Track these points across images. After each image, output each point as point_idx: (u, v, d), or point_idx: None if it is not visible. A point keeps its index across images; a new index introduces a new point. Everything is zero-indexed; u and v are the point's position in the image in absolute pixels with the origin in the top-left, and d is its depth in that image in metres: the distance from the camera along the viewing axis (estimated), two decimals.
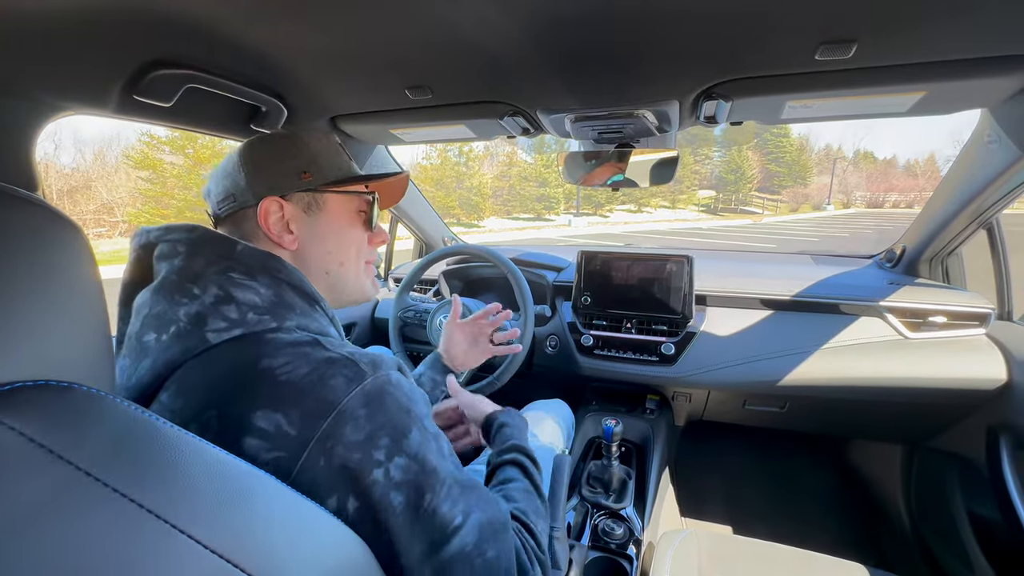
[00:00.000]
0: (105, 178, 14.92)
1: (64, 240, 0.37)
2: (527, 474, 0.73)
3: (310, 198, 0.64)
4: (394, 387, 0.52)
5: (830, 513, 1.67)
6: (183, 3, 0.55)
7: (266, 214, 0.60)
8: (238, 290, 0.54)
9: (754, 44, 0.66)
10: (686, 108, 0.88)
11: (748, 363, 1.32)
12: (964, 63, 0.67)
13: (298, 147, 0.64)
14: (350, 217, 0.68)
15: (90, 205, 14.56)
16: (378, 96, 0.92)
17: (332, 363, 0.50)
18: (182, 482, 0.36)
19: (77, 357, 0.37)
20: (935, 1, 0.54)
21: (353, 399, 0.49)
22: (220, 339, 0.51)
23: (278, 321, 0.54)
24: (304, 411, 0.47)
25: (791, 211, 36.10)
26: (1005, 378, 1.13)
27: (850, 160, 52.67)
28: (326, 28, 0.65)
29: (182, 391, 0.50)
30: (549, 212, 27.41)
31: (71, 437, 0.32)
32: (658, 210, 32.41)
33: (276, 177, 0.62)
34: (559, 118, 0.95)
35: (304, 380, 0.48)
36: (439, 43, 0.69)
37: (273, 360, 0.49)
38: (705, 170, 40.90)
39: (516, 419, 0.89)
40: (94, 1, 0.50)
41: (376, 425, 0.49)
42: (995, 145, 0.90)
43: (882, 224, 20.58)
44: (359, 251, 0.70)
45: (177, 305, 0.52)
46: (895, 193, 40.96)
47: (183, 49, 0.69)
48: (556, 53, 0.70)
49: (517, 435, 0.83)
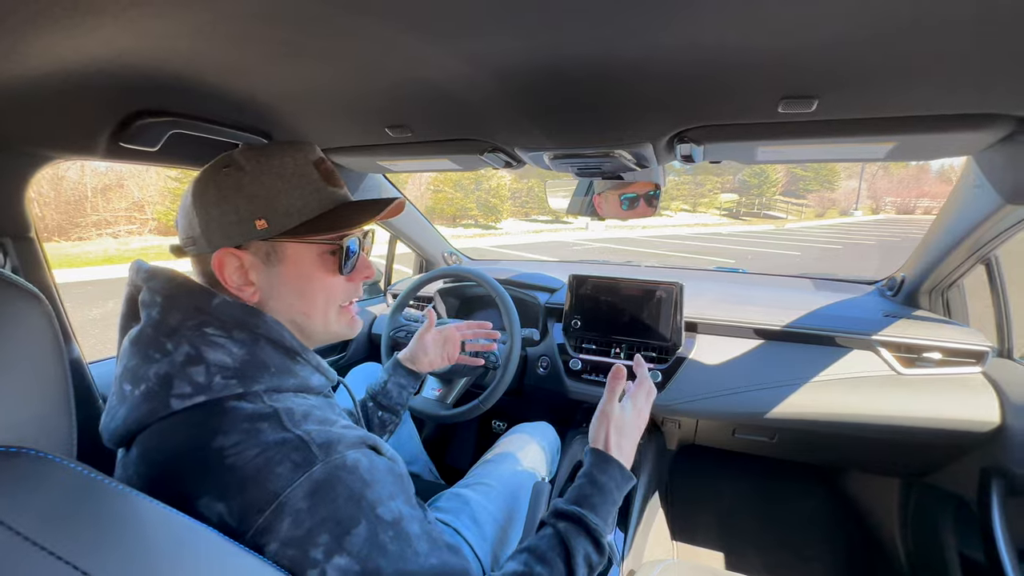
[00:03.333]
0: (136, 176, 15.44)
1: (20, 309, 0.40)
2: (569, 565, 0.60)
3: (268, 247, 0.59)
4: (347, 471, 0.49)
5: (825, 544, 1.64)
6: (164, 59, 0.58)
7: (221, 266, 0.57)
8: (210, 350, 0.53)
9: (718, 96, 0.67)
10: (661, 149, 0.88)
11: (736, 394, 1.31)
12: (933, 118, 0.66)
13: (252, 188, 0.56)
14: (316, 263, 0.62)
15: (122, 203, 15.08)
16: (360, 133, 0.95)
17: (282, 446, 0.48)
18: (128, 544, 0.37)
19: (30, 422, 0.40)
20: (894, 64, 0.53)
21: (296, 489, 0.46)
22: (183, 405, 0.51)
23: (245, 386, 0.53)
24: (245, 502, 0.46)
25: (817, 216, 35.16)
26: (998, 421, 1.09)
27: (880, 165, 51.01)
28: (304, 77, 0.67)
29: (144, 457, 0.51)
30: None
31: (13, 502, 0.34)
32: (678, 213, 31.94)
33: (229, 225, 0.56)
34: (538, 155, 0.96)
35: (250, 465, 0.47)
36: (415, 91, 0.70)
37: (226, 439, 0.48)
38: (728, 173, 40.15)
39: (616, 481, 0.70)
40: (80, 61, 0.53)
41: (317, 520, 0.46)
42: (979, 190, 0.88)
43: (910, 231, 19.87)
44: (329, 298, 0.64)
45: (149, 362, 0.53)
46: (927, 199, 39.50)
47: (167, 99, 0.72)
48: (529, 102, 0.72)
49: (600, 504, 0.67)
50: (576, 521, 0.64)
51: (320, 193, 0.61)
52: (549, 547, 0.62)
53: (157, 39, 0.49)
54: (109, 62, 0.54)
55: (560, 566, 0.60)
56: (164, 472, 0.48)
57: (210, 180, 0.58)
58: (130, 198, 15.20)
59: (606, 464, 0.71)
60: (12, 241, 0.74)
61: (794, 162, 0.88)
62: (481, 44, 0.52)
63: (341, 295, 0.66)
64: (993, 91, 0.58)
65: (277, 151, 0.60)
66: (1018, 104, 0.60)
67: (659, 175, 1.10)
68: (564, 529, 0.63)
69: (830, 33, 0.46)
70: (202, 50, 0.53)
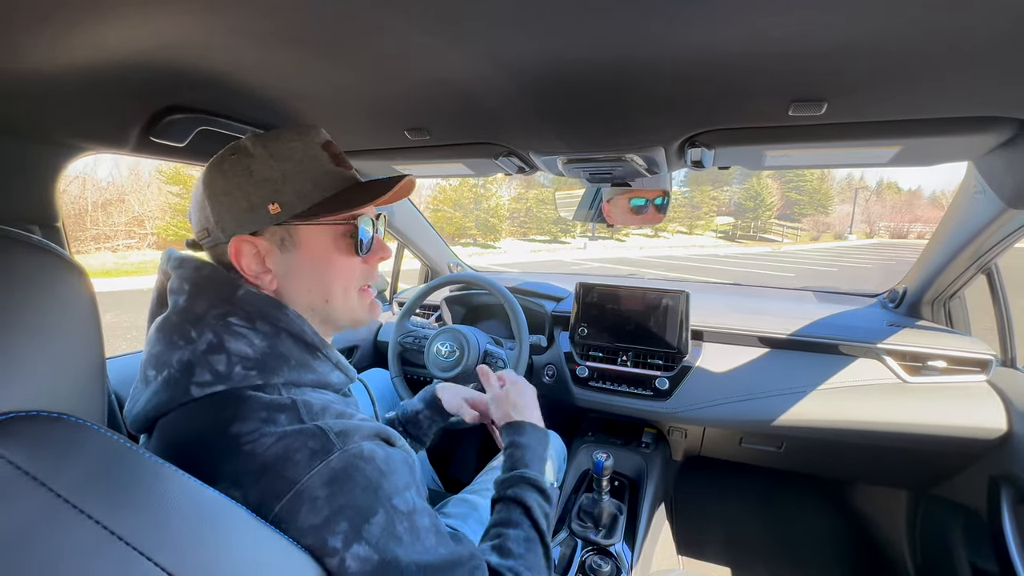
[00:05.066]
0: (138, 191, 15.57)
1: (65, 281, 0.41)
2: (531, 517, 0.66)
3: (283, 232, 0.58)
4: (365, 461, 0.50)
5: (833, 559, 1.62)
6: (200, 56, 0.60)
7: (238, 254, 0.56)
8: (232, 339, 0.53)
9: (730, 100, 0.69)
10: (672, 154, 0.91)
11: (742, 401, 1.31)
12: (937, 121, 0.69)
13: (261, 173, 0.56)
14: (331, 247, 0.60)
15: (122, 217, 15.15)
16: (379, 136, 0.98)
17: (300, 434, 0.48)
18: (156, 510, 0.38)
19: (69, 390, 0.40)
20: (901, 68, 0.55)
21: (314, 477, 0.47)
22: (202, 393, 0.51)
23: (264, 378, 0.53)
24: (262, 489, 0.46)
25: (812, 239, 35.59)
26: (1005, 428, 1.10)
27: (873, 190, 51.95)
28: (330, 78, 0.69)
29: (163, 443, 0.52)
30: (565, 235, 27.51)
31: (54, 465, 0.35)
32: (675, 235, 32.25)
33: (242, 212, 0.56)
34: (551, 159, 0.99)
35: (268, 452, 0.47)
36: (436, 92, 0.73)
37: (243, 426, 0.48)
38: (724, 197, 40.73)
39: (534, 438, 0.78)
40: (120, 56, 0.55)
41: (336, 508, 0.46)
42: (981, 196, 0.91)
43: (904, 255, 20.07)
44: (348, 280, 0.63)
45: (173, 349, 0.53)
46: (920, 224, 40.11)
47: (197, 95, 0.74)
48: (545, 104, 0.74)
49: (531, 459, 0.74)
50: (519, 480, 0.70)
51: (331, 175, 0.60)
52: (509, 512, 0.67)
53: (196, 35, 0.51)
54: (149, 56, 0.56)
55: (525, 521, 0.66)
56: (181, 458, 0.48)
57: (218, 169, 0.57)
58: (130, 212, 15.28)
59: (520, 428, 0.80)
60: (40, 229, 0.75)
61: (800, 167, 0.91)
62: (503, 45, 0.54)
63: (359, 277, 0.65)
64: (994, 94, 0.60)
65: (284, 136, 0.59)
66: (1017, 106, 0.62)
67: (667, 182, 1.13)
68: (513, 493, 0.69)
69: (839, 37, 0.48)
70: (235, 48, 0.55)
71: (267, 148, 0.57)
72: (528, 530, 0.65)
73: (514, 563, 0.60)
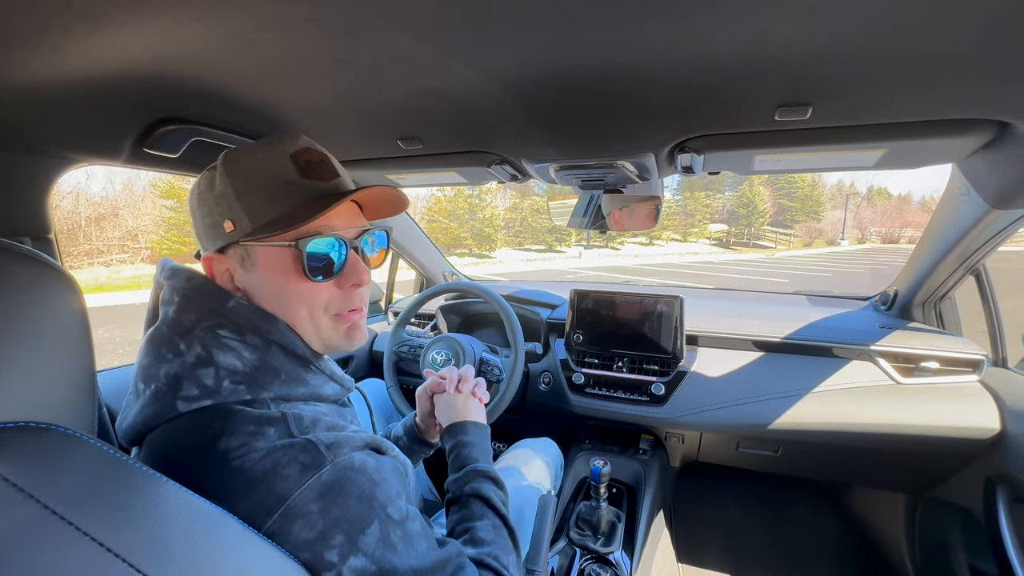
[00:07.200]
0: (132, 206, 15.52)
1: (56, 291, 0.41)
2: (491, 506, 0.68)
3: (243, 251, 0.55)
4: (356, 472, 0.49)
5: (833, 563, 1.61)
6: (194, 67, 0.60)
7: (211, 271, 0.57)
8: (221, 352, 0.52)
9: (717, 106, 0.71)
10: (662, 159, 0.92)
11: (739, 405, 1.31)
12: (920, 124, 0.70)
13: (219, 189, 0.54)
14: (285, 269, 0.55)
15: (116, 232, 15.09)
16: (373, 145, 0.98)
17: (289, 448, 0.48)
18: (148, 522, 0.37)
19: (60, 400, 0.40)
20: (884, 72, 0.56)
21: (305, 492, 0.46)
22: (188, 408, 0.50)
23: (253, 392, 0.52)
24: (251, 504, 0.45)
25: (804, 245, 35.88)
26: (998, 427, 1.11)
27: (863, 196, 52.54)
28: (323, 88, 0.70)
29: (151, 457, 0.51)
30: (560, 244, 27.65)
31: (43, 477, 0.34)
32: (669, 243, 32.44)
33: (207, 229, 0.56)
34: (543, 167, 1.00)
35: (256, 467, 0.46)
36: (427, 102, 0.74)
37: (231, 440, 0.48)
38: (717, 204, 41.08)
39: (476, 434, 0.81)
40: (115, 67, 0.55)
41: (330, 521, 0.46)
42: (966, 197, 0.92)
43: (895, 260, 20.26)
44: (312, 305, 0.58)
45: (161, 361, 0.52)
46: (911, 229, 40.56)
47: (192, 106, 0.75)
48: (536, 112, 0.75)
49: (478, 453, 0.76)
50: (472, 474, 0.72)
51: (290, 188, 0.54)
52: (470, 507, 0.68)
53: (190, 46, 0.51)
54: (143, 68, 0.56)
55: (488, 512, 0.68)
56: (169, 473, 0.47)
57: (196, 184, 0.57)
58: (124, 227, 15.21)
59: (461, 427, 0.81)
60: (32, 241, 0.75)
61: (788, 171, 0.92)
62: (494, 54, 0.55)
63: (330, 302, 0.59)
64: (975, 97, 0.62)
65: (258, 147, 0.56)
66: (997, 109, 0.64)
67: (659, 188, 1.14)
68: (471, 488, 0.70)
69: (823, 42, 0.49)
70: (229, 59, 0.56)
71: (233, 163, 0.55)
72: (492, 518, 0.67)
73: (490, 548, 0.63)
